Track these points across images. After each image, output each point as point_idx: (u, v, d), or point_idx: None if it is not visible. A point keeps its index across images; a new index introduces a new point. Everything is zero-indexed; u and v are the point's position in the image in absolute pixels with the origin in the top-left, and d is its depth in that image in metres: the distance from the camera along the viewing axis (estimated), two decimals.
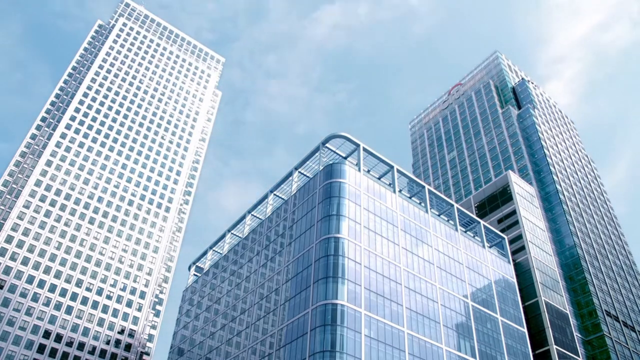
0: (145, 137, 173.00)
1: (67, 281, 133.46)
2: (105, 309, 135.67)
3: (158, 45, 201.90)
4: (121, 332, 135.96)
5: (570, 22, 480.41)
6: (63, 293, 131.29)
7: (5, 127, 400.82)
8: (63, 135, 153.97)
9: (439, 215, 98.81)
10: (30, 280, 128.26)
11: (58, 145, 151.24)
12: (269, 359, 74.31)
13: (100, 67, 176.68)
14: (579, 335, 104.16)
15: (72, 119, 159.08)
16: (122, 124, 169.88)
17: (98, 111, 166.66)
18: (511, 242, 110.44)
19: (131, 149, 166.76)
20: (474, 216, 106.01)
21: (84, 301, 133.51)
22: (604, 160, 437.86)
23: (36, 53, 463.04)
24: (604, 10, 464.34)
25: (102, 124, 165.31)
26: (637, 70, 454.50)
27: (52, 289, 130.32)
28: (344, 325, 65.74)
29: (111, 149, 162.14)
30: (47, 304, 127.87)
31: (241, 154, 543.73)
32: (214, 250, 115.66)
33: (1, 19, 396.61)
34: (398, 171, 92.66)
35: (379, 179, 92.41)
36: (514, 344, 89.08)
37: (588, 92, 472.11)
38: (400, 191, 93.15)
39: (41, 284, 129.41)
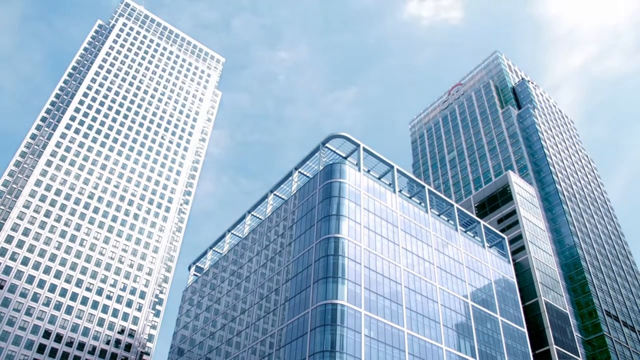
0: (145, 137, 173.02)
1: (67, 281, 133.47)
2: (105, 309, 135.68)
3: (158, 45, 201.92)
4: (121, 332, 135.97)
5: (566, 53, 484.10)
6: (63, 293, 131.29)
7: (6, 126, 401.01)
8: (63, 135, 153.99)
9: (439, 215, 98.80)
10: (30, 280, 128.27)
11: (58, 145, 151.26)
12: (269, 359, 74.32)
13: (100, 67, 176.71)
14: (579, 335, 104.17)
15: (72, 119, 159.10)
16: (122, 124, 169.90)
17: (98, 111, 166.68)
18: (511, 242, 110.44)
19: (131, 149, 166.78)
20: (474, 216, 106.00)
21: (84, 301, 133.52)
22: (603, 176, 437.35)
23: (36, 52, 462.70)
24: (600, 40, 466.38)
25: (102, 124, 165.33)
26: (630, 99, 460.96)
27: (52, 289, 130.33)
28: (344, 325, 65.74)
29: (111, 149, 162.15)
30: (47, 304, 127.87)
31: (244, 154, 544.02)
32: (214, 250, 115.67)
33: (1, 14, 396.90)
34: (398, 171, 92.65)
35: (379, 179, 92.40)
36: (514, 344, 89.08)
37: (583, 119, 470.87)
38: (400, 191, 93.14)
39: (41, 284, 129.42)
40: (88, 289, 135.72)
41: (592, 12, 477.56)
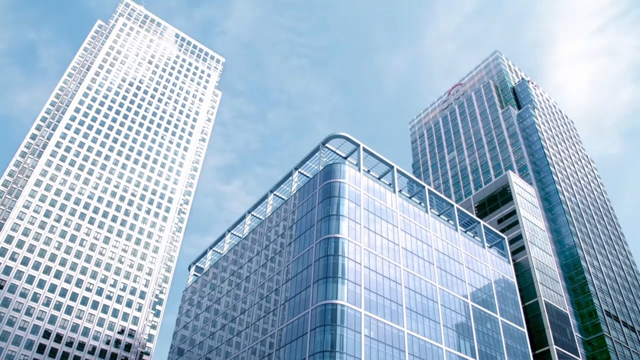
0: (145, 137, 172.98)
1: (67, 281, 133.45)
2: (105, 309, 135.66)
3: (158, 45, 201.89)
4: (121, 332, 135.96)
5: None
6: (63, 293, 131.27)
7: (5, 126, 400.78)
8: (63, 135, 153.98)
9: (439, 215, 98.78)
10: (30, 280, 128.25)
11: (58, 145, 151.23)
12: (269, 359, 74.30)
13: (100, 67, 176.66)
14: (579, 335, 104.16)
15: (72, 119, 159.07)
16: (122, 124, 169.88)
17: (98, 111, 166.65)
18: (511, 242, 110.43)
19: (131, 149, 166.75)
20: (474, 216, 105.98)
21: (84, 301, 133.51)
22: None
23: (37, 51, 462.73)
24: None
25: (102, 123, 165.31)
26: (611, 180, 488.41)
27: (52, 289, 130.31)
28: (344, 325, 65.73)
29: (111, 149, 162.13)
30: (47, 304, 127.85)
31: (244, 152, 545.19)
32: (214, 250, 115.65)
33: (1, 16, 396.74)
34: (398, 171, 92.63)
35: (379, 179, 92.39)
36: (514, 344, 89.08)
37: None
38: (400, 191, 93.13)
39: (41, 284, 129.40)
40: (88, 289, 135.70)
41: (578, 105, 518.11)
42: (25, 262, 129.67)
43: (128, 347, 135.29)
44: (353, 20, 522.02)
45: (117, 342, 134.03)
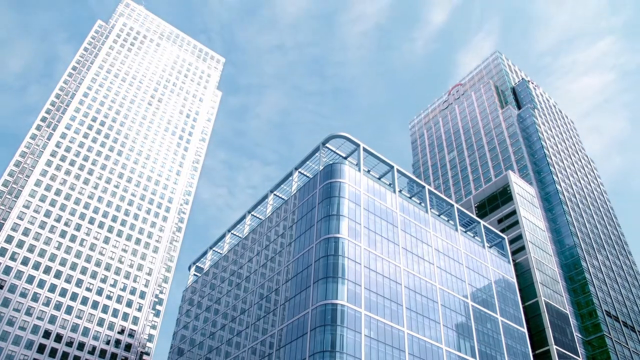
0: (146, 136, 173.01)
1: (67, 281, 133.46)
2: (105, 309, 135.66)
3: (158, 45, 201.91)
4: (121, 332, 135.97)
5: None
6: (63, 293, 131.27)
7: (6, 127, 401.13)
8: (63, 135, 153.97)
9: (439, 215, 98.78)
10: (30, 280, 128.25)
11: (58, 145, 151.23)
12: (269, 359, 74.31)
13: (100, 67, 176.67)
14: (579, 335, 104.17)
15: (72, 119, 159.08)
16: (122, 124, 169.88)
17: (98, 111, 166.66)
18: (511, 242, 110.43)
19: (131, 148, 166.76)
20: (474, 216, 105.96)
21: (84, 301, 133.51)
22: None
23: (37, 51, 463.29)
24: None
25: (102, 123, 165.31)
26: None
27: (52, 289, 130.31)
28: (344, 325, 65.72)
29: (111, 148, 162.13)
30: (47, 304, 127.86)
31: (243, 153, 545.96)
32: (214, 250, 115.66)
33: (1, 16, 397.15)
34: (398, 171, 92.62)
35: (379, 179, 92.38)
36: (514, 344, 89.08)
37: None
38: (400, 191, 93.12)
39: (41, 284, 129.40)
40: (88, 289, 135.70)
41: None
42: (25, 262, 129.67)
43: (128, 347, 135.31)
44: (369, 105, 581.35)
45: (117, 342, 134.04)
